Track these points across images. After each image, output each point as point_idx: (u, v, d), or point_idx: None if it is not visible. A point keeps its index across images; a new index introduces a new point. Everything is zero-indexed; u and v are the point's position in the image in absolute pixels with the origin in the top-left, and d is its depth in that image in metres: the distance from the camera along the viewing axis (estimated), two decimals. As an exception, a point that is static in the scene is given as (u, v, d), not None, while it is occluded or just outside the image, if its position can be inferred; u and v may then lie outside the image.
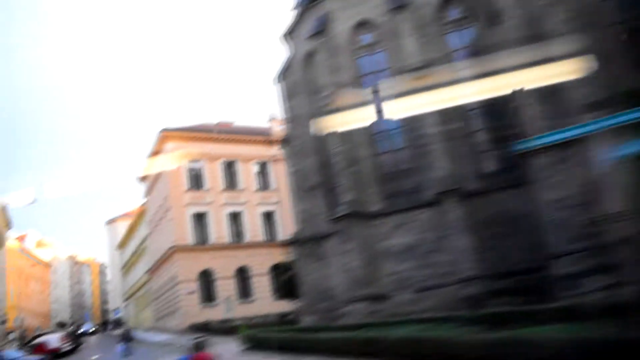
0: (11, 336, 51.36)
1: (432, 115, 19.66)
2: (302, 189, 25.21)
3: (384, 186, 21.58)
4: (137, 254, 53.89)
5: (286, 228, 43.03)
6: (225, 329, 32.78)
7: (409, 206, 20.40)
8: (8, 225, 55.89)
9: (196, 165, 42.03)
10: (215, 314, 37.11)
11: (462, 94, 18.94)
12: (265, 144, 45.00)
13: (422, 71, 20.24)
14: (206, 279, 39.36)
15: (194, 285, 38.58)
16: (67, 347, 32.73)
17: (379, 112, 21.64)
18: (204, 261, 39.41)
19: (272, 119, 47.16)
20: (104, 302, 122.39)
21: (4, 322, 51.84)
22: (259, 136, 45.33)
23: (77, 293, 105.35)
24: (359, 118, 21.39)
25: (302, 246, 24.67)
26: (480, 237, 18.66)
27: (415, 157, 21.04)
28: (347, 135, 21.93)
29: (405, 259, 20.18)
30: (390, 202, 21.13)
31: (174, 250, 39.07)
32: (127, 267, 61.16)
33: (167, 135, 41.48)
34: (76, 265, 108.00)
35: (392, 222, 20.72)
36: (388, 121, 22.19)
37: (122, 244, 64.25)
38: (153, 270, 46.43)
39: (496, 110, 19.45)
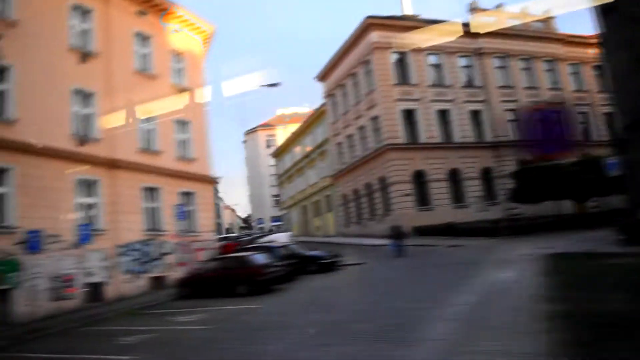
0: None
1: None
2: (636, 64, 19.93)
3: None
4: (310, 160, 51.24)
5: (493, 128, 38.59)
6: (477, 229, 29.61)
7: None
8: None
9: (401, 59, 37.62)
10: (430, 218, 33.94)
11: None
12: (470, 36, 39.51)
13: None
14: (419, 180, 35.76)
15: (408, 187, 35.13)
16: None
17: None
18: (417, 162, 35.73)
19: (472, 9, 41.35)
20: (217, 216, 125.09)
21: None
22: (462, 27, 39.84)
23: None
24: None
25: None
26: None
27: None
28: None
29: None
30: None
31: (386, 149, 35.51)
32: (287, 175, 59.16)
33: (372, 23, 37.06)
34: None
35: None
36: None
37: (280, 152, 62.10)
38: (341, 174, 43.49)
39: None
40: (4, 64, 16.16)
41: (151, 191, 21.20)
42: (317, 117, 48.86)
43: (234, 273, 16.56)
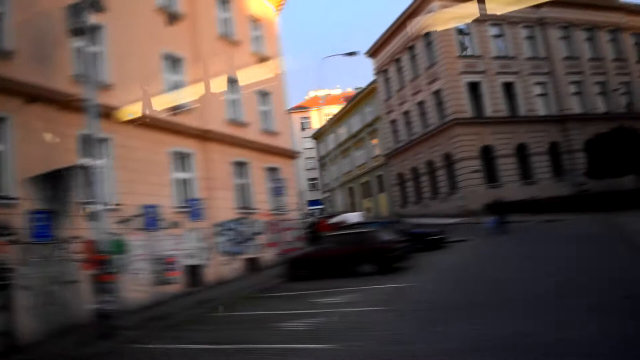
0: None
1: None
2: None
3: None
4: (357, 140, 48.96)
5: (559, 101, 36.07)
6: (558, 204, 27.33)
7: None
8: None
9: (463, 30, 35.13)
10: (499, 195, 31.49)
11: None
12: (531, 5, 36.70)
13: None
14: (486, 156, 33.39)
15: (476, 163, 32.80)
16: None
17: None
18: (484, 137, 33.36)
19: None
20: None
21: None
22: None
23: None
24: None
25: None
26: None
27: None
28: None
29: None
30: None
31: (452, 124, 33.17)
32: (330, 157, 56.91)
33: (433, -8, 34.48)
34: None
35: None
36: None
37: (321, 134, 59.84)
38: (396, 153, 41.18)
39: None
40: (97, 23, 14.07)
41: (240, 166, 19.16)
42: (365, 95, 46.42)
43: (359, 250, 14.50)
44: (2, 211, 10.87)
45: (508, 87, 35.20)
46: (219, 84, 18.46)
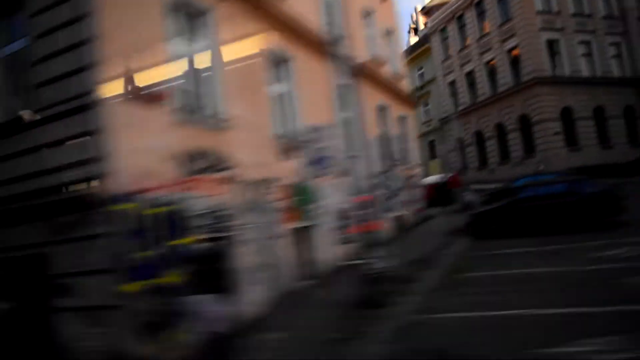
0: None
1: None
2: None
3: None
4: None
5: (633, 63, 33.24)
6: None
7: None
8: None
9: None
10: (577, 159, 29.04)
11: None
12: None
13: None
14: (566, 118, 30.52)
15: (557, 125, 29.98)
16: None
17: None
18: (565, 98, 30.46)
19: None
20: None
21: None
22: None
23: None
24: None
25: None
26: None
27: None
28: None
29: None
30: None
31: (533, 83, 30.16)
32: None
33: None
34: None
35: None
36: None
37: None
38: (456, 116, 37.97)
39: None
40: None
41: (381, 111, 15.99)
42: (415, 57, 42.88)
43: (569, 203, 11.68)
44: (213, 136, 7.73)
45: (584, 46, 32.20)
46: (358, 16, 15.19)
